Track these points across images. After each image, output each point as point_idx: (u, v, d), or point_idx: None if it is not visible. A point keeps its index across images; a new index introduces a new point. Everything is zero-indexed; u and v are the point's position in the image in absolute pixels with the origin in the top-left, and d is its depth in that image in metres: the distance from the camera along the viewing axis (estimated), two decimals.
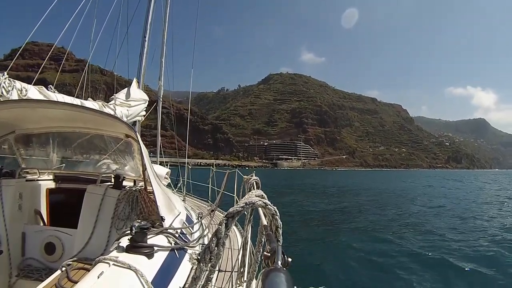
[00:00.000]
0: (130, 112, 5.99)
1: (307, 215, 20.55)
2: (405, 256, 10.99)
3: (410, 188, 48.87)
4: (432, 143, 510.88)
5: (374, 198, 32.02)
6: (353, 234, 14.58)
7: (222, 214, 2.54)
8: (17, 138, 4.15)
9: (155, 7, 8.66)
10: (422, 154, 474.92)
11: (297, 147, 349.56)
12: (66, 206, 4.15)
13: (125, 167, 4.63)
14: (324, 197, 33.15)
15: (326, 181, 68.84)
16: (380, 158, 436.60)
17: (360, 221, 18.33)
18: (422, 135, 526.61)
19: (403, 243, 12.79)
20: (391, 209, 23.63)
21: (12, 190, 3.75)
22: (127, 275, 1.81)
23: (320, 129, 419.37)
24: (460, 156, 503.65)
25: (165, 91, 10.41)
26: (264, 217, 2.06)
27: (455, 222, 18.11)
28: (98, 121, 3.62)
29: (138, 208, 3.38)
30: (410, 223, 17.69)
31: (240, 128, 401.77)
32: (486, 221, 18.55)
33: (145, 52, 8.21)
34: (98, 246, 3.22)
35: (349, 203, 27.58)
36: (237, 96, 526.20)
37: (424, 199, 31.07)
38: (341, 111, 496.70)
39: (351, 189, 44.64)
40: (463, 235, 14.51)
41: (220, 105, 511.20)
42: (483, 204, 26.95)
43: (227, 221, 1.49)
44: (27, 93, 3.76)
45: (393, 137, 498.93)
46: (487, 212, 21.84)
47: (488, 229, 15.96)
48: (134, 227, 2.06)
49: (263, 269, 1.19)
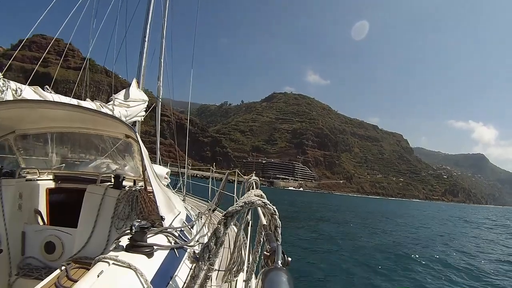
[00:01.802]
0: (128, 113, 6.04)
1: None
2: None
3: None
4: (430, 175, 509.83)
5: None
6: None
7: (221, 214, 2.44)
8: (17, 138, 4.18)
9: (154, 7, 8.75)
10: (419, 185, 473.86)
11: (295, 168, 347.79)
12: (66, 205, 4.16)
13: (125, 167, 4.66)
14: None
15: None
16: (377, 186, 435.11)
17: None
18: (421, 166, 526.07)
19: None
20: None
21: (12, 190, 3.78)
22: (127, 274, 1.81)
23: (320, 152, 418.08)
24: (457, 190, 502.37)
25: (167, 99, 10.52)
26: (263, 217, 2.07)
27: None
28: (97, 121, 3.67)
29: (138, 208, 3.42)
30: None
31: (240, 143, 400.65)
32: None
33: (145, 52, 8.24)
34: (98, 245, 3.27)
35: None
36: (239, 111, 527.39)
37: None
38: (342, 136, 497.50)
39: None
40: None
41: (221, 119, 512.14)
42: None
43: (226, 220, 1.48)
44: (21, 93, 3.81)
45: (391, 166, 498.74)
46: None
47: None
48: (134, 226, 2.07)
49: (263, 268, 1.18)
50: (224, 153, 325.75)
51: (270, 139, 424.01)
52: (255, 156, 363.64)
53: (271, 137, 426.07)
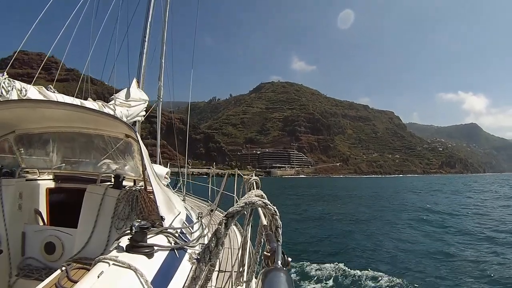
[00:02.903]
0: (130, 112, 6.07)
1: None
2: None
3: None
4: (425, 149, 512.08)
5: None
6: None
7: (222, 214, 2.53)
8: (17, 138, 4.18)
9: (154, 6, 8.77)
10: (416, 160, 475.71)
11: (290, 155, 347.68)
12: (66, 205, 4.18)
13: (125, 167, 4.65)
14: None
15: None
16: (374, 165, 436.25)
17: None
18: (415, 141, 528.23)
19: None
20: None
21: (12, 190, 3.81)
22: (127, 274, 1.81)
23: (313, 137, 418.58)
24: (454, 161, 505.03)
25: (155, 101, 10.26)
26: (264, 217, 2.06)
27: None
28: (98, 121, 3.69)
29: (138, 208, 3.43)
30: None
31: (232, 137, 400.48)
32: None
33: (145, 52, 8.27)
34: (98, 245, 3.27)
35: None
36: (228, 105, 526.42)
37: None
38: (333, 119, 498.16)
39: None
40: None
41: (211, 115, 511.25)
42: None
43: (226, 221, 1.48)
44: (26, 93, 3.85)
45: (386, 143, 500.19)
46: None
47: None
48: (134, 226, 2.07)
49: (263, 268, 1.19)
50: (218, 148, 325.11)
51: (262, 129, 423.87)
52: (249, 148, 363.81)
53: (263, 127, 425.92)
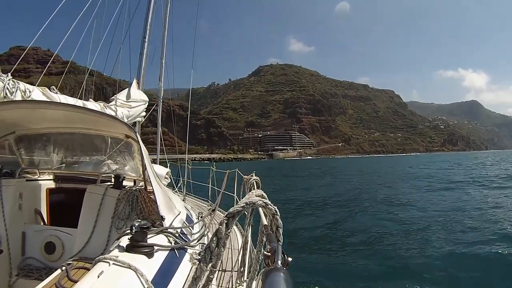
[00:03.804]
0: (131, 113, 6.10)
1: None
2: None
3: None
4: (427, 127, 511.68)
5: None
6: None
7: (222, 214, 2.68)
8: (17, 138, 4.19)
9: (155, 7, 8.65)
10: (418, 138, 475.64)
11: (292, 137, 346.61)
12: (66, 205, 4.18)
13: (125, 167, 4.66)
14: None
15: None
16: (376, 144, 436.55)
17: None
18: (417, 120, 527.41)
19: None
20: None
21: (12, 190, 3.81)
22: (127, 274, 1.81)
23: (314, 118, 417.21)
24: (456, 138, 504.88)
25: (156, 90, 10.29)
26: (265, 217, 2.06)
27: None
28: (98, 121, 3.69)
29: (138, 208, 3.42)
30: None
31: (233, 121, 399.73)
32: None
33: (145, 53, 8.21)
34: (98, 245, 3.27)
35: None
36: (228, 90, 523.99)
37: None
38: (334, 99, 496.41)
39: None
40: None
41: (211, 100, 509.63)
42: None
43: (227, 221, 1.48)
44: (30, 94, 3.90)
45: (387, 122, 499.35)
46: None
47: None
48: (134, 226, 2.07)
49: (263, 268, 1.20)
50: (219, 133, 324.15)
51: (263, 112, 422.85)
52: (250, 132, 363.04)
53: (263, 110, 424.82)
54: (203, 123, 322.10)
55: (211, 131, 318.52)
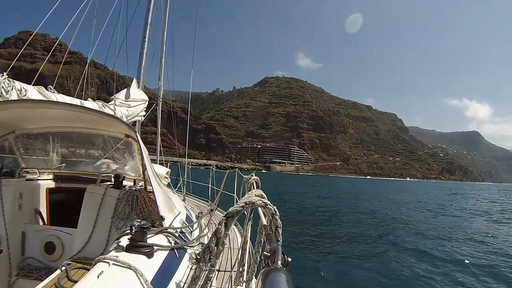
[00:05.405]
0: (130, 112, 6.10)
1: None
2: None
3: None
4: (426, 154, 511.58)
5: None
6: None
7: (222, 214, 2.67)
8: (17, 138, 4.20)
9: (155, 7, 8.67)
10: (416, 164, 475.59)
11: (290, 151, 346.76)
12: (66, 205, 4.20)
13: (125, 166, 4.69)
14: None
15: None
16: (374, 166, 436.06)
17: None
18: (417, 145, 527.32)
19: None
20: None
21: (12, 190, 3.81)
22: (127, 274, 1.81)
23: (315, 134, 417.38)
24: (454, 167, 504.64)
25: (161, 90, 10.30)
26: (264, 217, 2.07)
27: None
28: (98, 121, 3.71)
29: (138, 208, 3.43)
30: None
31: (234, 129, 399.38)
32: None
33: (145, 53, 8.23)
34: (98, 245, 3.27)
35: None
36: (231, 97, 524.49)
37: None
38: (336, 117, 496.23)
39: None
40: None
41: (214, 106, 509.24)
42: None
43: (226, 220, 1.48)
44: (26, 93, 3.89)
45: (387, 145, 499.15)
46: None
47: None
48: (134, 226, 2.06)
49: (263, 268, 1.19)
50: (218, 139, 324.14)
51: (264, 123, 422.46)
52: (250, 141, 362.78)
53: (265, 122, 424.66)
54: (204, 128, 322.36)
55: (210, 137, 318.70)
